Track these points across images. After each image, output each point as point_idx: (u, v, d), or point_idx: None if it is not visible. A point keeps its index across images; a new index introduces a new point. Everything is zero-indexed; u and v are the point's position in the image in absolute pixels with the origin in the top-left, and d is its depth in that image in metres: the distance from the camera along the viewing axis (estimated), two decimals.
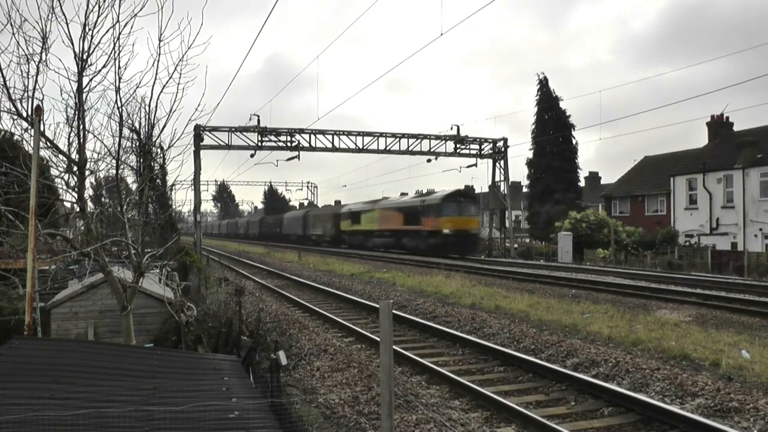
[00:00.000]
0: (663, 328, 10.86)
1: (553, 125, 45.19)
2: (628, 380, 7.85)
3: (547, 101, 45.85)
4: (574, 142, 46.29)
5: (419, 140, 37.91)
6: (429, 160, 38.62)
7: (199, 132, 33.45)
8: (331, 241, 54.61)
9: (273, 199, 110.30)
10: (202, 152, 34.54)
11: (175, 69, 7.40)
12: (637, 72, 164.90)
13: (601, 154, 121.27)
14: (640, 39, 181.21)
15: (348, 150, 37.27)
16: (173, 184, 18.88)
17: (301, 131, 35.93)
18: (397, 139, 37.62)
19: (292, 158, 37.06)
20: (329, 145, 36.66)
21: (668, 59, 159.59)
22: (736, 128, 38.13)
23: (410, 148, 37.84)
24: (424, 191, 45.07)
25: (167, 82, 7.50)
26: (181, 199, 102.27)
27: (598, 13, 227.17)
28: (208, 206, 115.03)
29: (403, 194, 52.38)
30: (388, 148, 37.56)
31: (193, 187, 34.71)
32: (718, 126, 37.78)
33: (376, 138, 37.31)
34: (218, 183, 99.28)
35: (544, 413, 6.73)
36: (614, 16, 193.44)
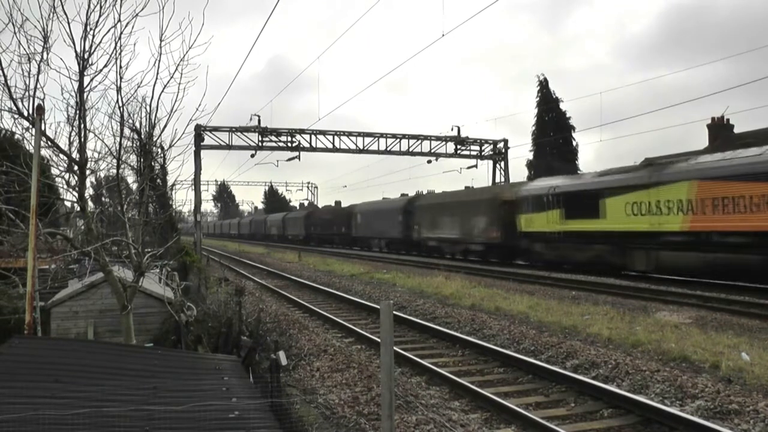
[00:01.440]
0: (663, 329, 10.85)
1: (553, 127, 45.27)
2: (627, 382, 7.85)
3: (548, 103, 45.91)
4: (574, 143, 46.39)
5: (419, 141, 37.93)
6: (429, 161, 38.65)
7: (199, 132, 33.48)
8: (489, 252, 29.16)
9: (273, 199, 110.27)
10: (203, 152, 34.58)
11: (176, 69, 7.43)
12: (637, 74, 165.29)
13: (601, 156, 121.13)
14: (640, 41, 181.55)
15: (348, 150, 37.29)
16: (174, 184, 18.87)
17: (301, 131, 35.96)
18: (398, 140, 37.64)
19: (293, 158, 37.10)
20: (330, 146, 36.68)
21: (670, 61, 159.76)
22: (736, 130, 38.08)
23: (410, 149, 37.85)
24: (425, 191, 44.70)
25: (168, 82, 7.52)
26: (182, 199, 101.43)
27: (597, 15, 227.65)
28: (208, 206, 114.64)
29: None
30: (388, 149, 37.58)
31: (193, 187, 34.77)
32: (719, 128, 37.73)
33: (376, 139, 37.33)
34: (218, 183, 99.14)
35: (544, 414, 6.73)
36: (613, 20, 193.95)
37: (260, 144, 35.51)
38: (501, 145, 39.15)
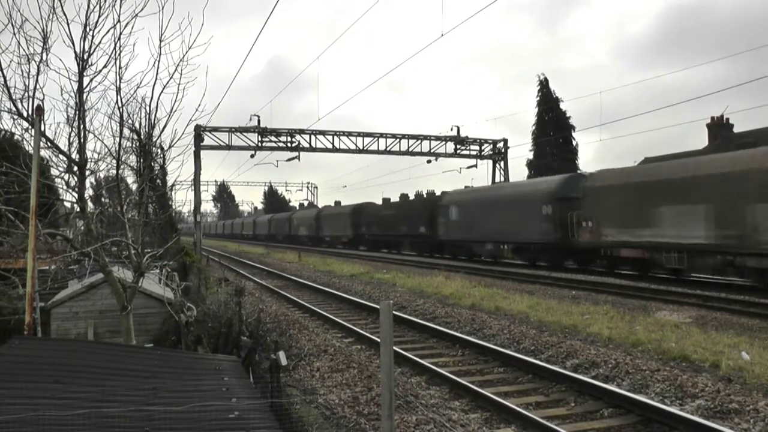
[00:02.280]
0: (663, 329, 10.85)
1: (553, 126, 45.31)
2: (628, 381, 7.85)
3: (548, 102, 45.93)
4: (574, 143, 46.40)
5: (419, 141, 37.94)
6: (429, 161, 38.66)
7: (199, 132, 33.49)
8: None
9: (273, 199, 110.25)
10: (203, 152, 34.58)
11: (176, 69, 7.41)
12: (636, 74, 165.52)
13: (601, 155, 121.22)
14: (639, 42, 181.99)
15: (348, 151, 37.30)
16: (173, 185, 18.84)
17: (301, 132, 35.97)
18: (397, 139, 37.65)
19: (293, 159, 37.11)
20: (329, 146, 36.69)
21: (669, 61, 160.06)
22: (735, 130, 38.04)
23: (410, 149, 37.87)
24: (424, 192, 44.65)
25: (168, 82, 7.50)
26: (181, 200, 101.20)
27: (596, 15, 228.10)
28: (208, 206, 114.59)
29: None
30: (388, 149, 37.60)
31: (193, 188, 34.78)
32: (719, 127, 37.71)
33: (376, 139, 37.34)
34: (218, 183, 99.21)
35: (544, 414, 6.73)
36: (612, 20, 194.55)
37: (260, 144, 35.52)
38: (501, 144, 39.15)
